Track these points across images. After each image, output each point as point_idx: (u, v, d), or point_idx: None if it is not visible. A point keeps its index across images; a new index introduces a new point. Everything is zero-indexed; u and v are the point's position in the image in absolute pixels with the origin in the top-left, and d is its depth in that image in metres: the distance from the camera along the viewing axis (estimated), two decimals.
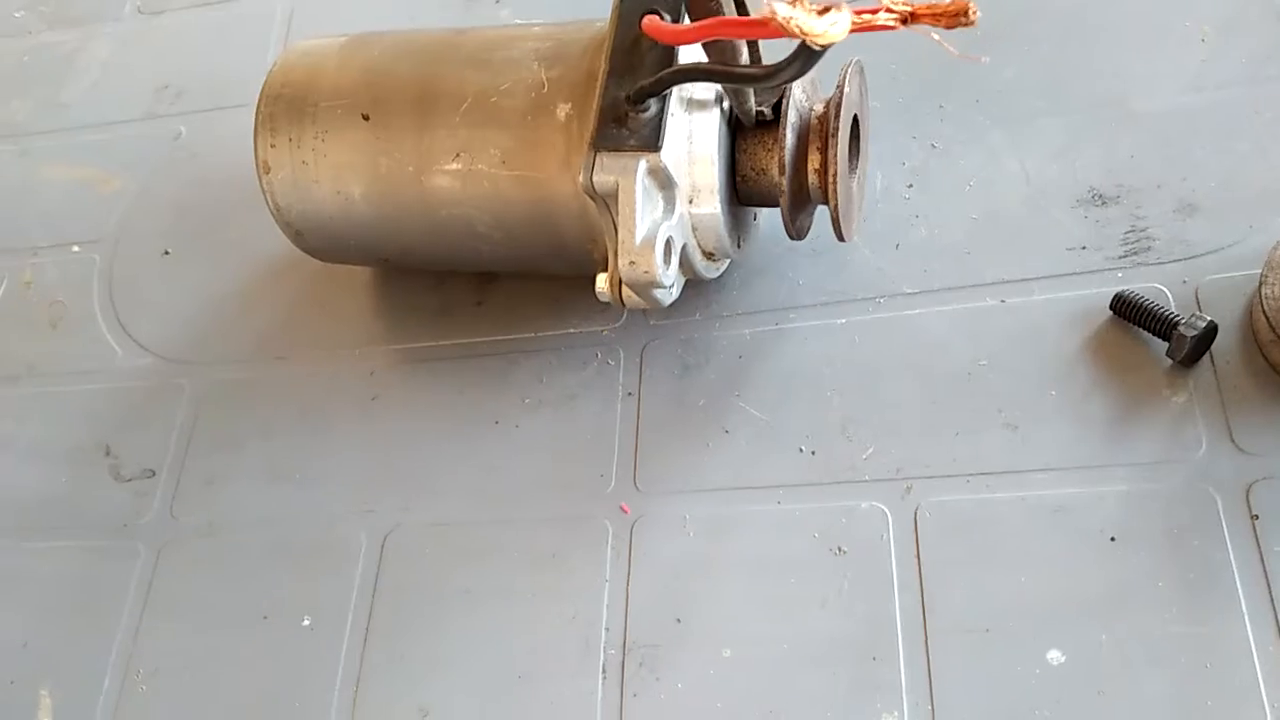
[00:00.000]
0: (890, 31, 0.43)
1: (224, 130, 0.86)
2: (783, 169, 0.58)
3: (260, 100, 0.64)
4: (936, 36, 0.43)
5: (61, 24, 0.97)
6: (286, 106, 0.64)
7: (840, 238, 0.60)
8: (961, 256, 0.65)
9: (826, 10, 0.43)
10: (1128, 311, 0.59)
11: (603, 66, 0.57)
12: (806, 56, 0.46)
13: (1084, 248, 0.63)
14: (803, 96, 0.60)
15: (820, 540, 0.59)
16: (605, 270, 0.58)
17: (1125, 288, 0.60)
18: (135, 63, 0.93)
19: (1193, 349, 0.57)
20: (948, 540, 0.57)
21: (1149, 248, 0.62)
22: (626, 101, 0.56)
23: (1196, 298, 0.60)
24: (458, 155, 0.60)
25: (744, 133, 0.60)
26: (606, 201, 0.56)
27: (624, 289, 0.57)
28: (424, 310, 0.73)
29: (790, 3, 0.43)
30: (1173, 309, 0.59)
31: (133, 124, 0.89)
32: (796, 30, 0.42)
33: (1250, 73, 0.66)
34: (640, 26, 0.53)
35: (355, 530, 0.66)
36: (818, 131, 0.59)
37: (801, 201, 0.60)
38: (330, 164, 0.63)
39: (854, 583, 0.57)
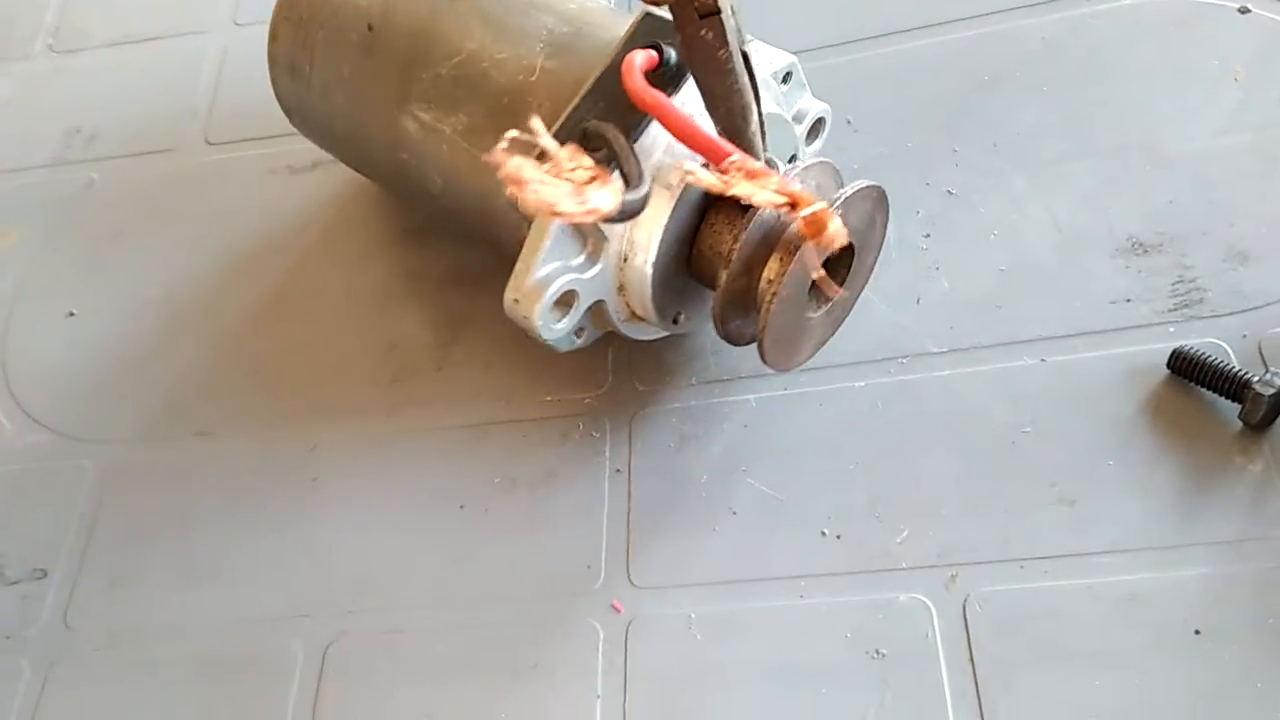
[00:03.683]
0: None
1: (142, 178, 0.76)
2: (729, 261, 0.49)
3: None
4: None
5: None
6: None
7: (765, 363, 0.51)
8: (992, 311, 0.58)
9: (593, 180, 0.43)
10: (1189, 370, 0.52)
11: (586, 84, 0.51)
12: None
13: (1129, 300, 0.57)
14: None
15: (854, 641, 0.50)
16: None
17: (1182, 343, 0.53)
18: (43, 104, 0.82)
19: (1269, 410, 0.50)
20: (1005, 637, 0.48)
21: (1201, 299, 0.56)
22: (583, 135, 0.49)
23: (1260, 353, 0.53)
24: (430, 105, 0.57)
25: (719, 205, 0.51)
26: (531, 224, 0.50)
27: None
28: (375, 377, 0.63)
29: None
30: (1239, 366, 0.52)
31: (37, 170, 0.78)
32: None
33: None
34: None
35: (289, 640, 0.55)
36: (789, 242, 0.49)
37: (744, 305, 0.51)
38: (324, 59, 0.61)
39: (898, 692, 0.48)
